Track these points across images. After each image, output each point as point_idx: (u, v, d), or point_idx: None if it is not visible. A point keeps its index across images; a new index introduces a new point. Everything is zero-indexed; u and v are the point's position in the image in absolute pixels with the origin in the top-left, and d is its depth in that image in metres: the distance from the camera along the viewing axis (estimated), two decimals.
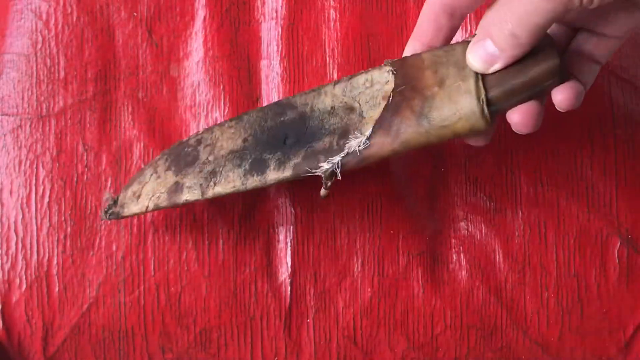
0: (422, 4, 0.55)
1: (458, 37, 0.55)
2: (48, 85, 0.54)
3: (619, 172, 0.54)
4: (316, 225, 0.54)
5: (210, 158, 0.50)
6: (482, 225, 0.54)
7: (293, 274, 0.54)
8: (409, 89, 0.47)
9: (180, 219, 0.54)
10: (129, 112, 0.54)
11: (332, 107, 0.49)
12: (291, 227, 0.54)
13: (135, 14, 0.55)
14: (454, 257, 0.54)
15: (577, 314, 0.54)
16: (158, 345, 0.53)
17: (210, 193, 0.49)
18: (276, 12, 0.55)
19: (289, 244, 0.54)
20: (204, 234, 0.54)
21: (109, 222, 0.53)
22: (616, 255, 0.54)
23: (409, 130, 0.46)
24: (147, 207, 0.50)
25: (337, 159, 0.47)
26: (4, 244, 0.53)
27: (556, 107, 0.46)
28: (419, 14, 0.55)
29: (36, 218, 0.53)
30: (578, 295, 0.54)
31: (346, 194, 0.54)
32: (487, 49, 0.44)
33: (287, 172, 0.48)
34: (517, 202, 0.54)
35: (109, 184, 0.54)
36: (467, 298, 0.54)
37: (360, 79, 0.49)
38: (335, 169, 0.47)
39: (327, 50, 0.55)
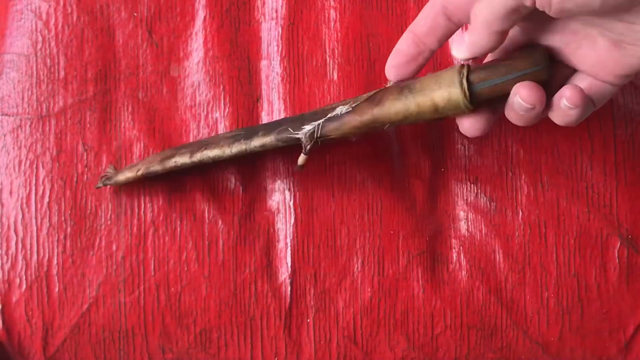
0: (422, 4, 0.55)
1: (457, 36, 0.55)
2: (48, 85, 0.54)
3: (619, 172, 0.54)
4: (316, 225, 0.54)
5: (208, 140, 0.52)
6: (482, 225, 0.54)
7: (293, 274, 0.54)
8: None
9: (180, 219, 0.54)
10: (129, 112, 0.54)
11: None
12: (291, 227, 0.54)
13: (135, 14, 0.55)
14: (454, 257, 0.54)
15: (577, 314, 0.54)
16: (158, 345, 0.53)
17: (198, 156, 0.51)
18: (276, 12, 0.55)
19: (289, 244, 0.54)
20: (204, 234, 0.54)
21: (109, 222, 0.53)
22: (616, 255, 0.54)
23: (390, 99, 0.47)
24: (139, 170, 0.52)
25: (319, 121, 0.48)
26: (4, 244, 0.53)
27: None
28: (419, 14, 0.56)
29: (36, 218, 0.53)
30: (578, 295, 0.54)
31: (346, 194, 0.54)
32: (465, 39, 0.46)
33: (271, 137, 0.49)
34: (517, 202, 0.54)
35: None
36: (467, 298, 0.54)
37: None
38: (316, 131, 0.48)
39: (327, 50, 0.55)
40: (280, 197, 0.54)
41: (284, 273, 0.54)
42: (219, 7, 0.55)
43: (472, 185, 0.55)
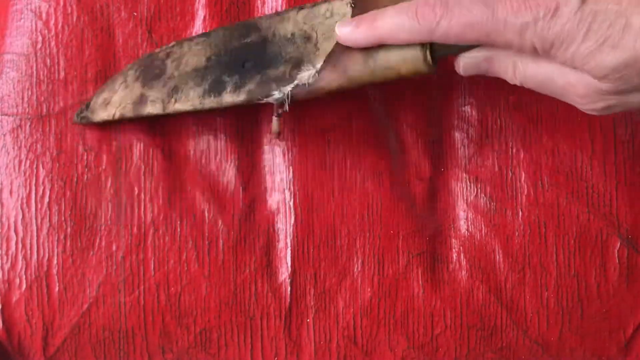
0: None
1: None
2: (48, 85, 0.54)
3: (619, 172, 0.54)
4: (316, 225, 0.54)
5: (175, 73, 0.52)
6: (482, 225, 0.54)
7: (293, 274, 0.54)
8: None
9: (180, 219, 0.54)
10: None
11: (291, 34, 0.50)
12: (291, 227, 0.54)
13: (135, 14, 0.55)
14: (454, 257, 0.54)
15: (577, 314, 0.54)
16: (158, 345, 0.53)
17: (170, 108, 0.51)
18: (276, 11, 0.55)
19: (289, 244, 0.54)
20: (204, 234, 0.54)
21: (109, 222, 0.53)
22: (616, 255, 0.54)
23: (356, 68, 0.48)
24: (114, 115, 0.52)
25: (287, 89, 0.49)
26: (4, 244, 0.53)
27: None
28: None
29: (36, 218, 0.53)
30: (578, 295, 0.54)
31: (346, 194, 0.54)
32: None
33: (241, 97, 0.50)
34: (517, 202, 0.54)
35: (109, 184, 0.54)
36: (467, 298, 0.54)
37: (322, 8, 0.50)
38: (285, 99, 0.49)
39: None
40: (280, 197, 0.54)
41: (284, 273, 0.54)
42: (218, 7, 0.55)
43: (472, 185, 0.55)
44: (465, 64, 0.47)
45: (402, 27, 0.45)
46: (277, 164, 0.55)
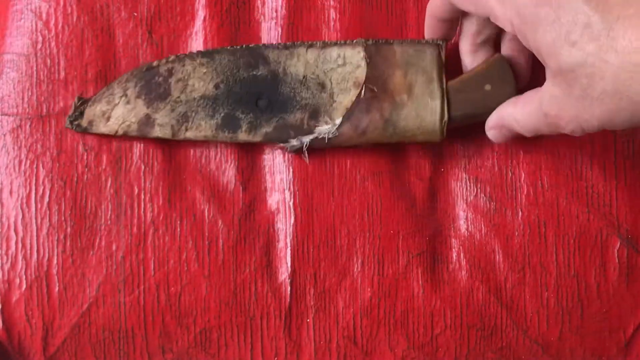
0: (422, 4, 0.55)
1: (458, 36, 0.55)
2: (48, 85, 0.54)
3: (619, 172, 0.54)
4: (316, 225, 0.54)
5: (182, 97, 0.52)
6: (482, 225, 0.54)
7: (293, 274, 0.54)
8: (380, 88, 0.51)
9: (180, 219, 0.54)
10: None
11: (304, 77, 0.52)
12: (291, 227, 0.54)
13: (135, 14, 0.55)
14: (454, 257, 0.54)
15: (577, 314, 0.54)
16: (158, 345, 0.53)
17: (181, 136, 0.52)
18: (276, 12, 0.55)
19: (289, 244, 0.54)
20: (204, 234, 0.54)
21: (109, 222, 0.53)
22: (616, 255, 0.54)
23: (375, 133, 0.51)
24: (117, 131, 0.52)
25: (306, 140, 0.52)
26: (4, 244, 0.53)
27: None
28: (418, 14, 0.56)
29: (36, 218, 0.53)
30: (578, 295, 0.54)
31: (346, 194, 0.54)
32: None
33: (257, 138, 0.52)
34: (517, 202, 0.54)
35: (109, 184, 0.54)
36: (467, 298, 0.54)
37: (333, 53, 0.52)
38: (304, 148, 0.52)
39: None
40: (280, 197, 0.54)
41: (283, 273, 0.54)
42: (219, 7, 0.55)
43: (472, 185, 0.55)
44: (495, 136, 0.52)
45: None
46: (277, 164, 0.55)
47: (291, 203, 0.54)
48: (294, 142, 0.52)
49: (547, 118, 0.45)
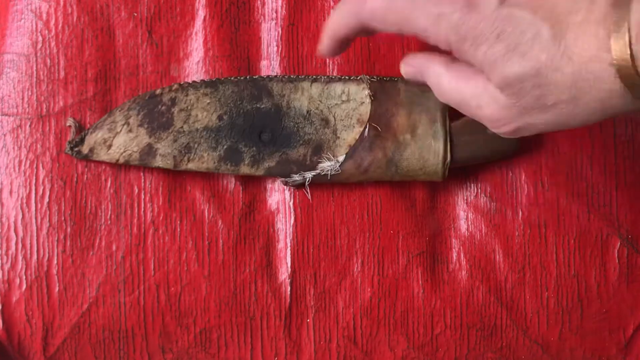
0: None
1: None
2: (48, 85, 0.54)
3: (619, 172, 0.54)
4: (316, 225, 0.54)
5: (185, 128, 0.52)
6: (482, 225, 0.54)
7: (293, 274, 0.54)
8: (384, 126, 0.51)
9: (180, 219, 0.54)
10: None
11: (307, 112, 0.52)
12: (291, 227, 0.54)
13: (135, 14, 0.55)
14: (454, 257, 0.54)
15: (577, 314, 0.54)
16: (158, 345, 0.53)
17: (183, 167, 0.52)
18: (276, 12, 0.55)
19: (289, 244, 0.54)
20: (204, 234, 0.54)
21: (109, 222, 0.53)
22: (616, 255, 0.54)
23: (377, 171, 0.51)
24: (118, 160, 0.52)
25: (308, 175, 0.52)
26: (4, 244, 0.53)
27: None
28: None
29: (36, 218, 0.53)
30: (578, 295, 0.54)
31: (346, 193, 0.54)
32: None
33: (260, 172, 0.52)
34: (517, 202, 0.54)
35: (109, 184, 0.54)
36: (467, 298, 0.54)
37: (337, 89, 0.52)
38: (306, 183, 0.52)
39: None
40: (280, 197, 0.54)
41: (283, 273, 0.54)
42: (219, 7, 0.55)
43: (472, 185, 0.55)
44: (406, 71, 0.47)
45: (341, 9, 0.45)
46: None
47: (291, 203, 0.54)
48: (297, 178, 0.52)
49: (480, 112, 0.43)
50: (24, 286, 0.53)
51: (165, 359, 0.53)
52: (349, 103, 0.51)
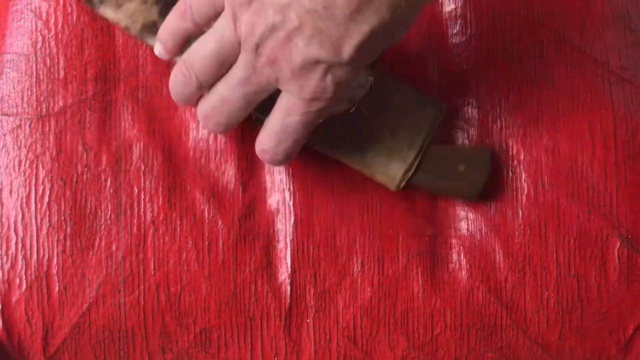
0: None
1: (458, 36, 0.55)
2: (48, 85, 0.54)
3: (619, 172, 0.54)
4: (316, 225, 0.54)
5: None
6: (482, 225, 0.54)
7: (293, 274, 0.54)
8: (371, 113, 0.51)
9: (180, 219, 0.54)
10: (128, 112, 0.54)
11: None
12: (291, 227, 0.54)
13: None
14: (454, 257, 0.54)
15: (577, 314, 0.54)
16: (158, 345, 0.53)
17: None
18: None
19: (289, 244, 0.54)
20: (204, 234, 0.54)
21: (109, 222, 0.53)
22: (616, 255, 0.54)
23: (343, 148, 0.51)
24: (119, 21, 0.52)
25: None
26: (4, 244, 0.53)
27: None
28: (419, 14, 0.55)
29: (36, 218, 0.53)
30: (578, 295, 0.54)
31: (346, 194, 0.54)
32: None
33: None
34: (517, 202, 0.54)
35: (108, 184, 0.54)
36: (467, 298, 0.54)
37: None
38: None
39: None
40: (280, 197, 0.54)
41: (283, 273, 0.54)
42: None
43: None
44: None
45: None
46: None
47: (291, 203, 0.54)
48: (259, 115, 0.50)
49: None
50: (24, 286, 0.53)
51: (165, 359, 0.54)
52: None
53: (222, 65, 0.47)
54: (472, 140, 0.55)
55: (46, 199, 0.53)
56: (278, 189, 0.54)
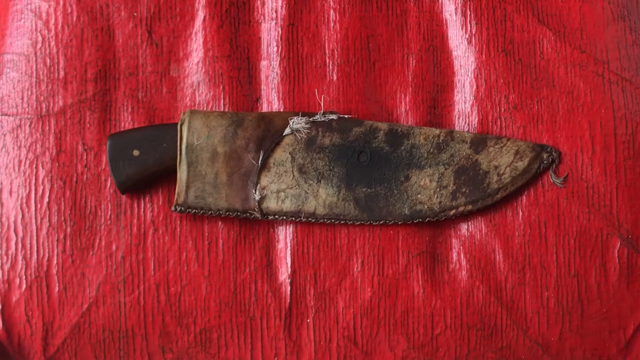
0: (422, 5, 0.55)
1: (458, 36, 0.55)
2: (48, 85, 0.54)
3: (619, 172, 0.54)
4: (316, 225, 0.54)
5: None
6: (482, 225, 0.54)
7: (293, 274, 0.54)
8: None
9: (180, 219, 0.54)
10: (128, 112, 0.54)
11: None
12: (291, 227, 0.54)
13: (135, 14, 0.55)
14: (454, 257, 0.54)
15: (577, 314, 0.54)
16: (158, 345, 0.53)
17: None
18: (276, 12, 0.55)
19: (289, 244, 0.54)
20: (204, 234, 0.54)
21: (109, 222, 0.53)
22: (616, 255, 0.54)
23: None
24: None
25: None
26: (4, 244, 0.53)
27: None
28: (419, 14, 0.56)
29: (36, 218, 0.53)
30: (578, 295, 0.54)
31: None
32: None
33: None
34: (517, 202, 0.54)
35: (108, 184, 0.54)
36: (467, 298, 0.54)
37: None
38: None
39: (326, 51, 0.55)
40: None
41: (283, 273, 0.54)
42: (218, 7, 0.55)
43: None
44: None
45: None
46: None
47: None
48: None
49: None
50: (24, 286, 0.53)
51: (165, 359, 0.54)
52: None
53: None
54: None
55: (46, 199, 0.53)
56: None
